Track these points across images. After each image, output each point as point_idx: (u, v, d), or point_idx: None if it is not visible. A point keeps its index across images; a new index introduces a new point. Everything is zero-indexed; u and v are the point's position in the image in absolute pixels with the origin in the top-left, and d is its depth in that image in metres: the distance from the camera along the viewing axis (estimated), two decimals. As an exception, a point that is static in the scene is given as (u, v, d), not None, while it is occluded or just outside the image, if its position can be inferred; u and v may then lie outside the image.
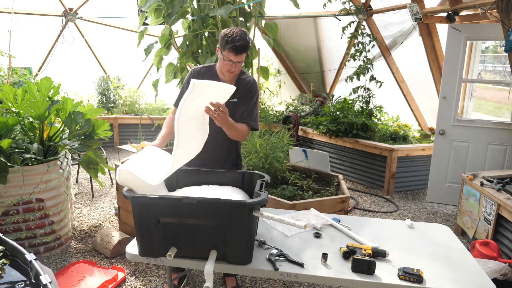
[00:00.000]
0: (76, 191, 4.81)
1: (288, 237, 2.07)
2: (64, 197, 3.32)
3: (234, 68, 2.22)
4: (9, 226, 3.01)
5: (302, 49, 7.10)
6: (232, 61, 2.18)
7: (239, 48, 2.13)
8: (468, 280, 1.72)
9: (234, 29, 2.17)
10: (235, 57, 2.16)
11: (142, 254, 1.83)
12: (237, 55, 2.16)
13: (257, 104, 2.42)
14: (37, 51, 6.90)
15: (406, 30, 5.12)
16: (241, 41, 2.12)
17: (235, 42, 2.11)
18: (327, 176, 3.70)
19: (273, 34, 4.09)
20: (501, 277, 2.60)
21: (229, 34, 2.14)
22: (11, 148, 3.07)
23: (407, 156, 4.99)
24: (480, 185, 3.43)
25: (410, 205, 4.66)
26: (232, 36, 2.13)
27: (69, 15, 6.67)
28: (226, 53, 2.17)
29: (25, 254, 1.48)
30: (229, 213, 1.71)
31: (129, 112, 7.46)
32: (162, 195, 1.88)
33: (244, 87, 2.36)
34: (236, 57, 2.16)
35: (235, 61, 2.18)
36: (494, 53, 6.02)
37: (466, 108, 4.90)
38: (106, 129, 3.50)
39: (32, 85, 3.25)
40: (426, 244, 2.06)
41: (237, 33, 2.14)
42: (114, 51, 7.50)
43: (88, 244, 3.43)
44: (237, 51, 2.14)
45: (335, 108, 5.87)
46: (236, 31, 2.15)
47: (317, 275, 1.73)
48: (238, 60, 2.18)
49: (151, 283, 2.84)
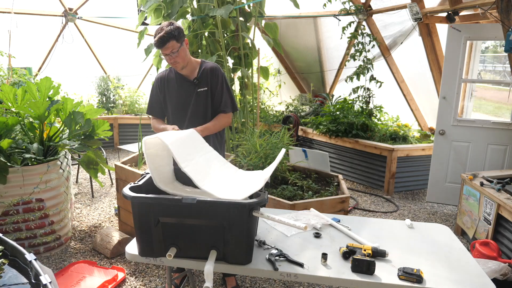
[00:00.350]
0: (76, 191, 4.81)
1: (288, 237, 2.07)
2: (64, 197, 3.32)
3: (173, 60, 2.27)
4: (9, 226, 3.01)
5: (302, 49, 7.10)
6: (166, 55, 2.25)
7: (158, 42, 2.21)
8: (468, 280, 1.72)
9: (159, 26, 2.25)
10: (163, 50, 2.24)
11: (142, 254, 1.83)
12: (161, 48, 2.23)
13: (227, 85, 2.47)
14: (37, 51, 6.90)
15: (406, 30, 5.12)
16: (158, 35, 2.20)
17: (155, 39, 2.21)
18: (327, 176, 3.70)
19: (273, 34, 4.09)
20: (501, 277, 2.60)
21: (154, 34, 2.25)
22: (11, 148, 3.07)
23: (407, 156, 4.99)
24: (480, 185, 3.43)
25: (410, 205, 4.66)
26: (154, 34, 2.23)
27: (69, 15, 6.67)
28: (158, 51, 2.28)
29: (25, 254, 1.48)
30: (229, 213, 1.70)
31: (129, 112, 7.46)
32: (162, 196, 1.88)
33: (208, 74, 2.43)
34: (163, 50, 2.24)
35: (167, 53, 2.23)
36: (494, 53, 6.02)
37: (466, 108, 4.89)
38: (106, 129, 3.50)
39: (32, 85, 3.25)
40: (426, 244, 2.06)
41: (158, 29, 2.23)
42: (114, 51, 7.50)
43: (88, 244, 3.43)
44: (158, 45, 2.22)
45: (335, 108, 5.87)
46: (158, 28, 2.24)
47: (317, 275, 1.73)
48: (168, 51, 2.23)
49: (151, 283, 2.84)
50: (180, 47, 2.26)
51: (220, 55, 3.86)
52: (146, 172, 2.12)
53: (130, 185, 1.87)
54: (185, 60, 2.34)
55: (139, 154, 3.68)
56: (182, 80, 2.46)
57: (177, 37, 2.25)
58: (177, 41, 2.24)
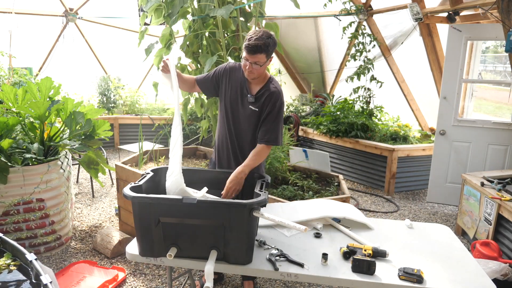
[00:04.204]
0: (77, 191, 4.81)
1: (288, 237, 2.07)
2: (64, 197, 3.32)
3: (250, 68, 2.16)
4: (9, 226, 3.02)
5: (302, 49, 7.10)
6: (247, 61, 2.15)
7: (251, 47, 2.10)
8: (469, 280, 1.71)
9: (258, 30, 2.16)
10: (249, 56, 2.13)
11: (142, 254, 1.83)
12: (249, 54, 2.12)
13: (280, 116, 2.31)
14: (37, 51, 6.90)
15: (407, 30, 5.12)
16: (255, 41, 2.09)
17: (249, 41, 2.10)
18: (327, 176, 3.70)
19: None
20: (501, 277, 2.60)
21: (249, 34, 2.15)
22: (12, 148, 3.08)
23: (407, 156, 4.99)
24: (480, 185, 3.42)
25: (411, 205, 4.66)
26: (251, 35, 2.13)
27: (69, 15, 6.67)
28: (244, 52, 2.16)
29: (25, 254, 1.48)
30: (229, 213, 1.71)
31: (129, 112, 7.46)
32: (162, 196, 1.88)
33: (269, 98, 2.28)
34: (249, 56, 2.12)
35: (250, 61, 2.14)
36: (494, 53, 6.01)
37: (467, 108, 4.89)
38: (107, 129, 3.51)
39: (33, 85, 3.25)
40: (426, 244, 2.06)
41: (257, 33, 2.13)
42: (114, 51, 7.50)
43: (89, 244, 3.44)
44: (249, 50, 2.11)
45: (335, 108, 5.87)
46: (258, 31, 2.14)
47: (317, 275, 1.73)
48: (253, 60, 2.13)
49: (151, 283, 2.84)
50: (265, 63, 2.17)
51: (220, 55, 3.86)
52: (146, 172, 2.12)
53: (131, 185, 1.87)
54: (260, 74, 2.25)
55: (140, 154, 3.68)
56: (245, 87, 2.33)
57: (269, 53, 2.16)
58: (266, 56, 2.15)
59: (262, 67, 2.17)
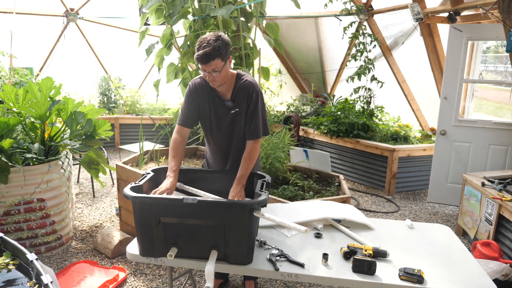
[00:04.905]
0: (77, 191, 4.81)
1: (288, 237, 2.07)
2: (65, 197, 3.32)
3: (211, 78, 2.03)
4: (10, 226, 3.02)
5: (303, 49, 7.09)
6: (205, 71, 2.01)
7: (200, 57, 1.95)
8: (469, 280, 1.71)
9: (204, 36, 2.00)
10: (204, 67, 1.99)
11: (143, 254, 1.84)
12: (204, 65, 1.98)
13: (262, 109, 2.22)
14: (38, 51, 6.91)
15: (407, 30, 5.12)
16: (203, 49, 1.94)
17: (198, 51, 1.96)
18: (328, 176, 3.70)
19: (274, 34, 4.09)
20: (502, 277, 2.60)
21: (197, 43, 1.99)
22: (13, 148, 3.08)
23: (408, 156, 4.98)
24: (481, 186, 3.42)
25: (411, 206, 4.66)
26: (198, 44, 1.97)
27: (70, 15, 6.68)
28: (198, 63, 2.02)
29: (26, 254, 1.49)
30: (230, 213, 1.71)
31: (130, 112, 7.47)
32: (163, 196, 1.88)
33: (243, 93, 2.18)
34: (204, 66, 1.98)
35: (208, 70, 2.00)
36: (495, 53, 6.01)
37: (467, 108, 4.88)
38: (107, 129, 3.51)
39: (34, 85, 3.25)
40: (427, 245, 2.05)
41: (203, 40, 1.97)
42: (115, 51, 7.51)
43: (89, 244, 3.44)
44: (201, 61, 1.97)
45: (336, 108, 5.86)
46: (204, 38, 1.99)
47: (318, 275, 1.73)
48: (210, 68, 1.98)
49: (152, 283, 2.84)
50: (223, 66, 2.01)
51: (221, 55, 3.87)
52: (147, 172, 2.12)
53: (131, 185, 1.87)
54: (224, 79, 2.09)
55: (140, 154, 3.68)
56: (217, 98, 2.23)
57: (224, 56, 1.99)
58: (222, 60, 1.98)
59: (223, 71, 2.03)
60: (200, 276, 2.93)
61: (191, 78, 4.50)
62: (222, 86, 2.15)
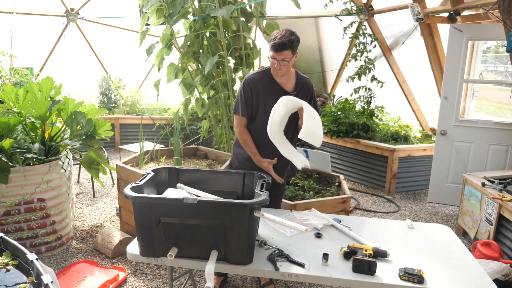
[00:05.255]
0: (77, 191, 4.82)
1: (288, 237, 2.07)
2: (65, 197, 3.32)
3: (279, 66, 2.28)
4: (10, 226, 3.02)
5: (303, 49, 7.09)
6: (275, 59, 2.26)
7: (277, 45, 2.22)
8: (469, 280, 1.71)
9: (280, 30, 2.28)
10: (276, 54, 2.25)
11: (143, 254, 1.84)
12: (276, 52, 2.24)
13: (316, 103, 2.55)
14: (38, 51, 6.92)
15: (408, 30, 5.11)
16: (281, 39, 2.21)
17: (275, 40, 2.23)
18: (328, 176, 3.70)
19: (274, 34, 4.08)
20: (502, 277, 2.60)
21: (273, 34, 2.27)
22: (13, 148, 3.08)
23: (408, 156, 4.98)
24: (481, 186, 3.42)
25: (411, 206, 4.66)
26: (275, 35, 2.25)
27: (70, 15, 6.68)
28: (270, 52, 2.27)
29: (26, 254, 1.49)
30: (230, 213, 1.71)
31: (130, 112, 7.47)
32: (163, 196, 1.88)
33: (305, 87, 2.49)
34: (276, 54, 2.25)
35: (277, 59, 2.26)
36: (495, 53, 6.01)
37: (468, 108, 4.88)
38: (107, 129, 3.51)
39: (34, 85, 3.25)
40: (427, 245, 2.06)
41: (281, 32, 2.25)
42: (115, 51, 7.52)
43: (89, 244, 3.44)
44: (275, 48, 2.23)
45: (336, 108, 5.86)
46: (281, 30, 2.27)
47: (318, 275, 1.73)
48: (280, 57, 2.25)
49: (152, 283, 2.84)
50: (291, 58, 2.29)
51: (221, 55, 3.86)
52: (147, 172, 2.12)
53: (132, 185, 1.87)
54: (288, 69, 2.38)
55: (141, 154, 3.68)
56: (278, 90, 2.42)
57: (294, 49, 2.28)
58: (292, 52, 2.27)
59: (289, 62, 2.29)
60: (200, 276, 2.93)
61: (191, 78, 4.51)
62: (282, 77, 2.42)
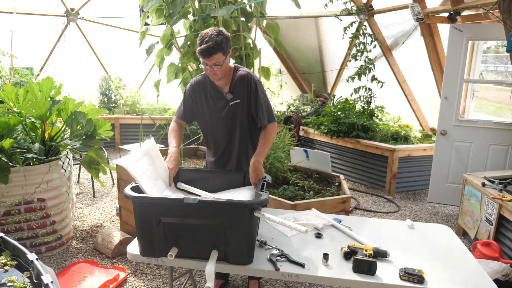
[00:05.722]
0: (78, 191, 4.82)
1: (289, 237, 2.07)
2: (65, 197, 3.32)
3: (212, 71, 2.09)
4: (10, 225, 3.02)
5: (303, 49, 7.09)
6: (207, 65, 2.07)
7: (204, 51, 2.01)
8: (469, 280, 1.71)
9: (206, 31, 2.06)
10: (206, 60, 2.05)
11: (143, 254, 1.83)
12: (206, 58, 2.04)
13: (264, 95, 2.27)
14: (38, 51, 6.92)
15: (408, 30, 5.11)
16: (206, 43, 2.00)
17: (200, 45, 2.02)
18: (328, 176, 3.70)
19: (274, 34, 4.09)
20: (502, 277, 2.60)
21: (199, 38, 2.05)
22: (13, 148, 3.08)
23: (408, 156, 4.98)
24: (481, 186, 3.42)
25: (412, 206, 4.66)
26: (200, 39, 2.04)
27: (70, 15, 6.69)
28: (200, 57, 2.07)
29: (26, 254, 1.49)
30: (230, 213, 1.71)
31: (130, 112, 7.47)
32: (163, 196, 1.88)
33: (241, 84, 2.24)
34: (206, 60, 2.05)
35: (209, 64, 2.06)
36: (496, 53, 6.01)
37: (468, 108, 4.88)
38: (108, 129, 3.51)
39: (34, 85, 3.25)
40: (427, 245, 2.05)
41: (205, 35, 2.03)
42: (115, 51, 7.52)
43: (89, 244, 3.44)
44: (203, 55, 2.03)
45: (336, 108, 5.86)
46: (205, 33, 2.05)
47: (318, 275, 1.73)
48: (211, 62, 2.05)
49: (152, 283, 2.84)
50: (224, 60, 2.08)
51: (221, 55, 3.87)
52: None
53: (132, 185, 1.87)
54: (224, 72, 2.18)
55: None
56: (215, 92, 2.29)
57: (225, 50, 2.06)
58: (223, 54, 2.05)
59: (224, 65, 2.10)
60: (201, 276, 2.93)
61: (191, 78, 4.50)
62: (221, 80, 2.21)
